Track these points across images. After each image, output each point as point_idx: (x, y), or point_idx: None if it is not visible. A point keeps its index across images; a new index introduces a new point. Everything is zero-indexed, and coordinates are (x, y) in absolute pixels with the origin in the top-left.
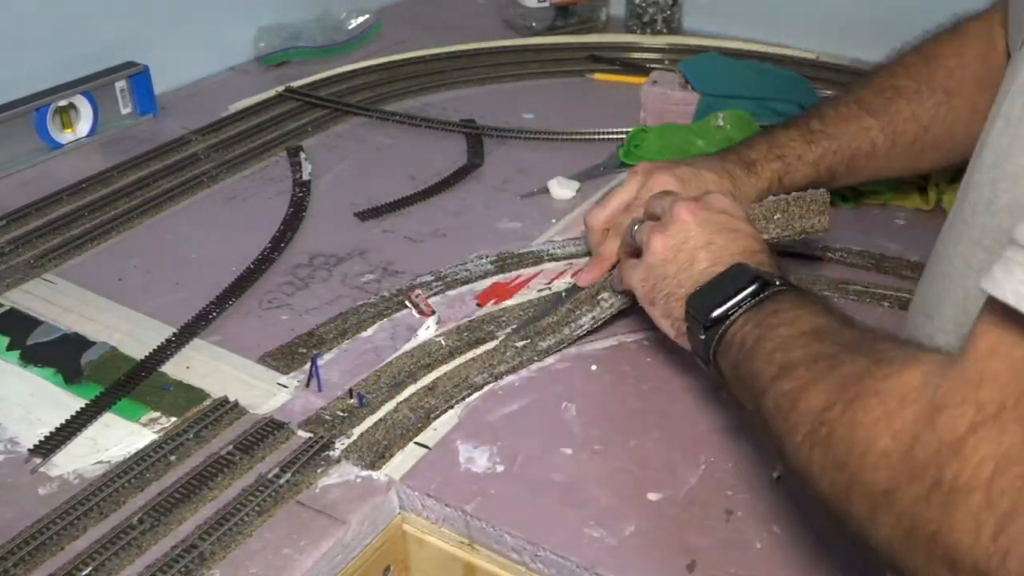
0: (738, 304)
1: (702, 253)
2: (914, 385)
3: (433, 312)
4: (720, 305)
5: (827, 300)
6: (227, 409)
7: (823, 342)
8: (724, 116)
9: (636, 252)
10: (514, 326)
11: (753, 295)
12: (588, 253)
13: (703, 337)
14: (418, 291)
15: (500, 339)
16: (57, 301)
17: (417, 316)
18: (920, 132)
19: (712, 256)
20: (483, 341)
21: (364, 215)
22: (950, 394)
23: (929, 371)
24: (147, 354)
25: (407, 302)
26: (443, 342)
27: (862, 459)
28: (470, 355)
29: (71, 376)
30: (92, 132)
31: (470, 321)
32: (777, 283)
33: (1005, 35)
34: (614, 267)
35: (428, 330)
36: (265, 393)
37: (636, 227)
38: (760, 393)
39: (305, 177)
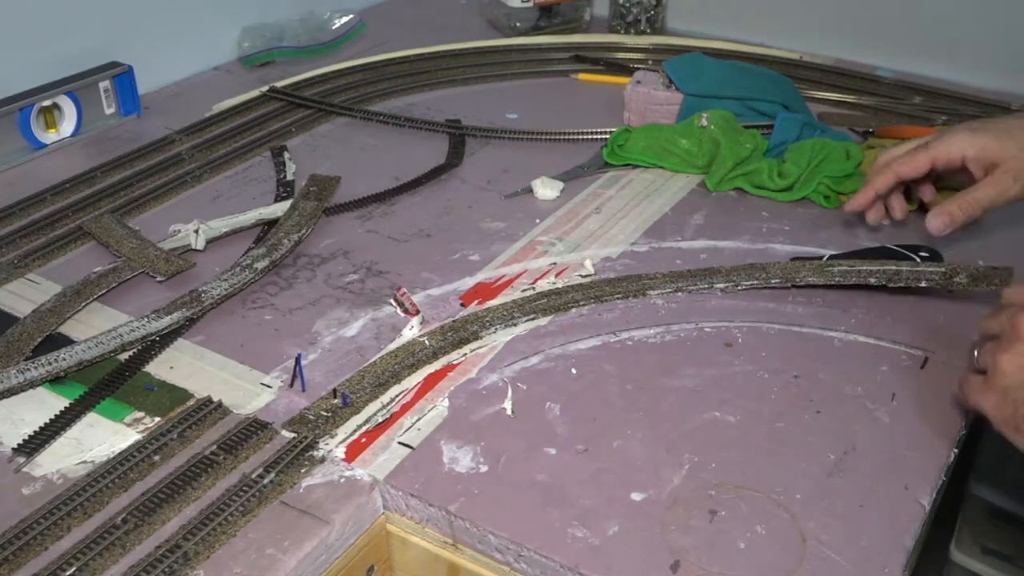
0: None
1: None
2: None
3: (418, 311)
4: None
5: None
6: (211, 409)
7: None
8: (708, 116)
9: (979, 369)
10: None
11: None
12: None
13: None
14: (404, 289)
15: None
16: (40, 301)
17: (402, 315)
18: None
19: None
20: (467, 341)
21: (330, 211)
22: None
23: None
24: (131, 354)
25: (392, 300)
26: (427, 342)
27: None
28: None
29: (55, 376)
30: (76, 132)
31: (454, 321)
32: None
33: None
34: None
35: (412, 330)
36: (249, 393)
37: (977, 351)
38: None
39: (289, 177)
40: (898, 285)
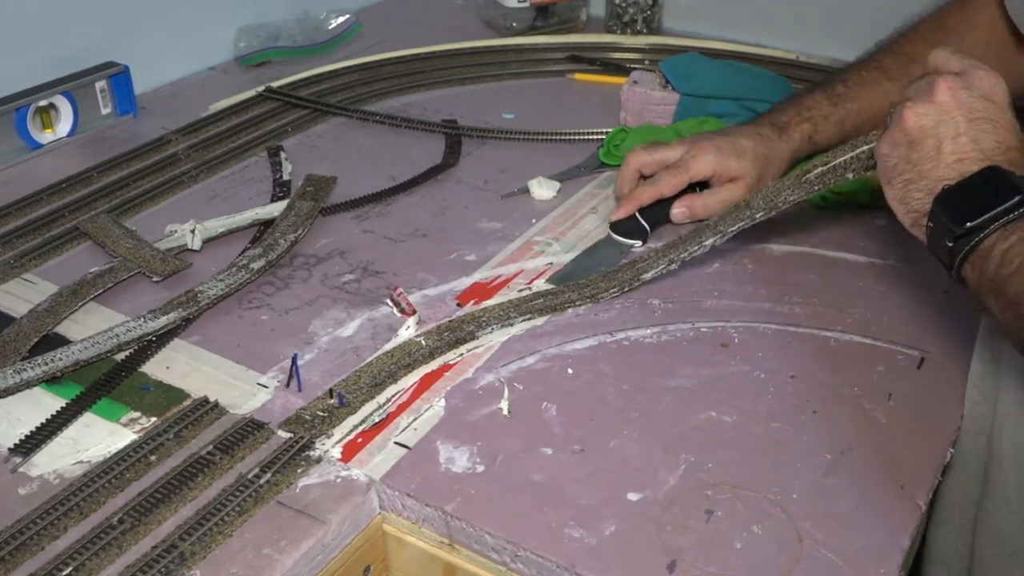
0: (994, 218)
1: (949, 144)
2: None
3: (415, 311)
4: (975, 217)
5: None
6: (207, 409)
7: None
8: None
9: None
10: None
11: (1011, 209)
12: None
13: (951, 244)
14: (400, 289)
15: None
16: (37, 301)
17: (398, 315)
18: None
19: (961, 149)
20: (463, 341)
21: (326, 211)
22: None
23: None
24: (127, 354)
25: (389, 300)
26: (423, 342)
27: None
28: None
29: (51, 376)
30: (72, 132)
31: (450, 321)
32: None
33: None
34: (643, 210)
35: (408, 330)
36: (245, 393)
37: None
38: None
39: (285, 177)
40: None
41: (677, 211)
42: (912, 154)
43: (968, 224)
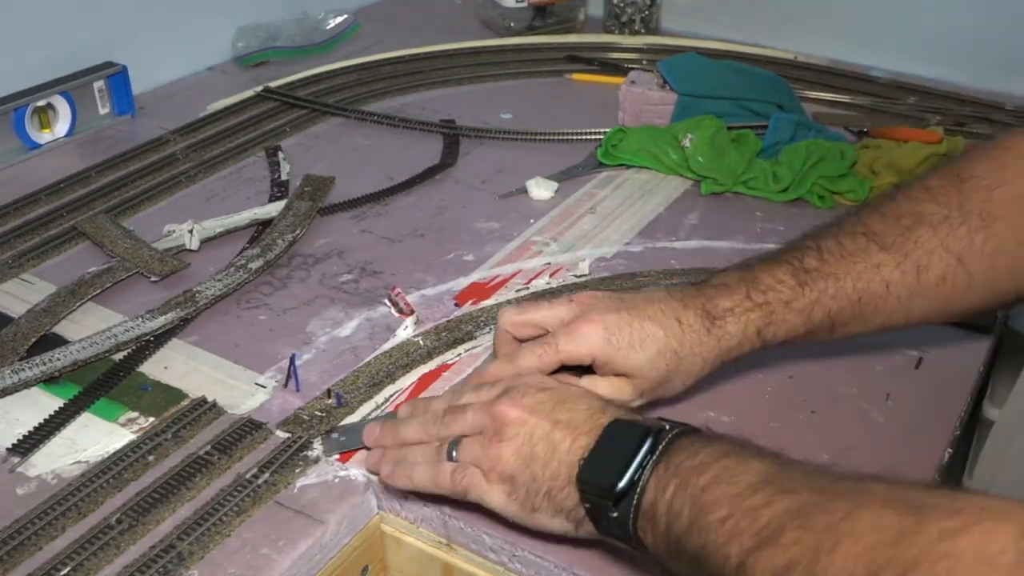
0: (640, 465)
1: (558, 434)
2: (1003, 545)
3: (413, 311)
4: (622, 474)
5: (722, 435)
6: (205, 409)
7: (793, 493)
8: (692, 139)
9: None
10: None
11: (651, 450)
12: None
13: (615, 515)
14: (398, 289)
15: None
16: (35, 301)
17: (396, 315)
18: (951, 266)
19: (571, 431)
20: (461, 341)
21: (324, 211)
22: None
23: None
24: (125, 354)
25: (387, 300)
26: (421, 342)
27: None
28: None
29: (49, 376)
30: (70, 132)
31: (448, 321)
32: (666, 427)
33: None
34: None
35: (407, 330)
36: (243, 393)
37: (453, 448)
38: (734, 570)
39: (283, 177)
40: None
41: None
42: (534, 471)
43: (620, 486)
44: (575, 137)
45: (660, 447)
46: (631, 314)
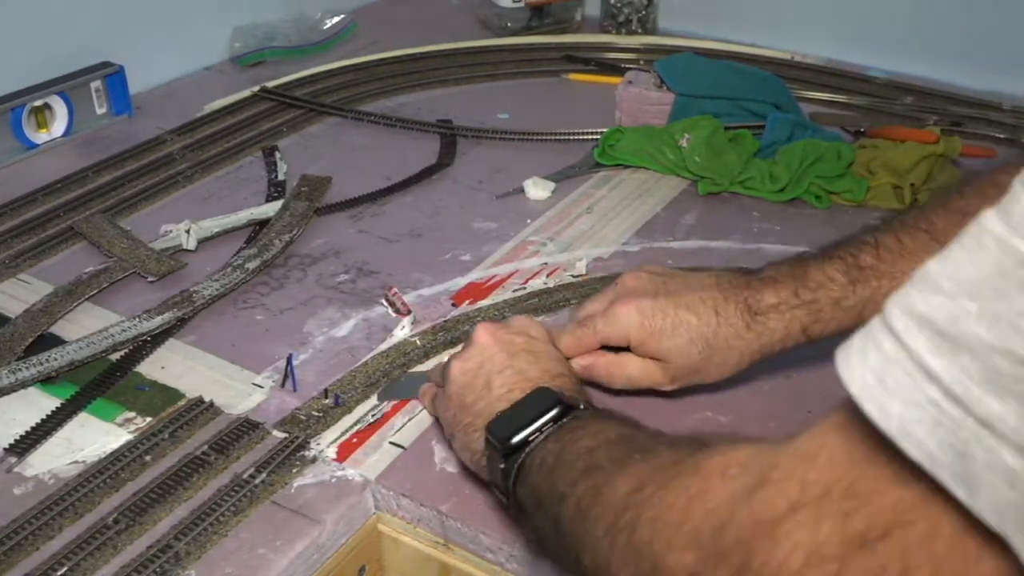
0: (539, 429)
1: (498, 379)
2: (740, 459)
3: (409, 312)
4: (520, 431)
5: (638, 421)
6: (202, 409)
7: (634, 442)
8: (689, 139)
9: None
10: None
11: (555, 419)
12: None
13: (503, 466)
14: (395, 289)
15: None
16: (32, 301)
17: (393, 315)
18: None
19: (509, 381)
20: (458, 341)
21: (321, 211)
22: (778, 468)
23: (759, 448)
24: (122, 354)
25: (384, 300)
26: (418, 342)
27: (669, 541)
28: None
29: (46, 376)
30: (67, 132)
31: (445, 321)
32: (581, 406)
33: None
34: None
35: (403, 330)
36: (240, 393)
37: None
38: (559, 501)
39: (280, 177)
40: None
41: (577, 366)
42: (466, 398)
43: (513, 440)
44: (572, 137)
45: (565, 420)
46: (668, 300)
